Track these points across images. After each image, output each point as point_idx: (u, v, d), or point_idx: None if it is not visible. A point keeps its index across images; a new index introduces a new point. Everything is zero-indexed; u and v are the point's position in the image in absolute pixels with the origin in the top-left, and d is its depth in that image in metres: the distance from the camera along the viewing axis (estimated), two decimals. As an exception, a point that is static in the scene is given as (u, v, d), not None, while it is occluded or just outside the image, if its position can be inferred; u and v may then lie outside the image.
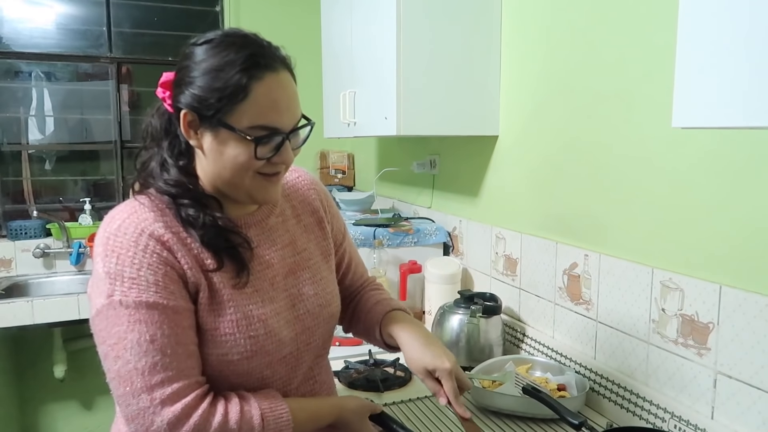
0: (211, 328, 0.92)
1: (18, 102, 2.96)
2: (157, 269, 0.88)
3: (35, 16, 2.93)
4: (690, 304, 1.19)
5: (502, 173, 1.87)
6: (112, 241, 0.88)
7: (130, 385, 0.85)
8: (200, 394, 0.88)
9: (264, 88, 0.89)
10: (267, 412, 0.92)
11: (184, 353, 0.88)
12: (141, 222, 0.89)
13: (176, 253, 0.90)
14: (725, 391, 1.12)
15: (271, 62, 0.91)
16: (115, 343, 0.86)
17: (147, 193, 0.94)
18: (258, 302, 0.97)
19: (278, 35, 2.74)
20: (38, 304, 2.43)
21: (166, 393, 0.85)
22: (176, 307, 0.88)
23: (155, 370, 0.85)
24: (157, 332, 0.86)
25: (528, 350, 1.70)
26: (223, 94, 0.88)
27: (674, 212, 1.24)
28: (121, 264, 0.87)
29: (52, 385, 2.94)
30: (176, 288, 0.89)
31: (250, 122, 0.89)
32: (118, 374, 0.86)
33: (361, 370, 1.60)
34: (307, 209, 1.13)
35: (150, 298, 0.86)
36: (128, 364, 0.85)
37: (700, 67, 0.68)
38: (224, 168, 0.92)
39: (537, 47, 1.67)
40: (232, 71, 0.88)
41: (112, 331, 0.86)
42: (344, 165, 3.27)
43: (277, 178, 0.97)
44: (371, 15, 1.93)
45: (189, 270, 0.91)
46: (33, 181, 3.03)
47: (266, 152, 0.91)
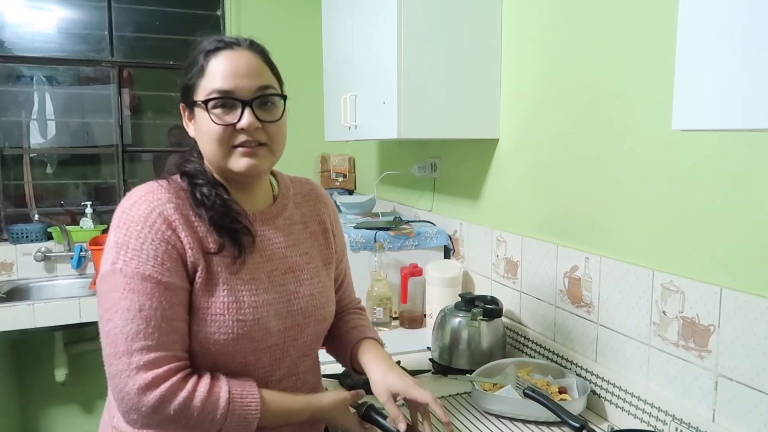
0: (203, 307, 0.99)
1: (20, 106, 2.97)
2: (159, 245, 0.95)
3: (37, 21, 2.94)
4: (691, 307, 1.19)
5: (503, 176, 1.87)
6: (126, 215, 0.97)
7: (114, 346, 0.91)
8: (174, 368, 0.94)
9: (217, 61, 1.01)
10: (236, 396, 0.97)
11: (168, 327, 0.94)
12: (154, 201, 0.98)
13: (180, 233, 0.97)
14: (726, 393, 1.12)
15: (229, 43, 1.03)
16: (109, 306, 0.93)
17: (166, 177, 1.05)
18: (252, 290, 1.03)
19: (279, 39, 2.81)
20: (39, 308, 2.43)
21: (142, 360, 0.91)
22: (169, 283, 0.95)
23: (137, 337, 0.91)
24: (146, 303, 0.92)
25: (529, 353, 1.70)
26: (189, 76, 1.03)
27: (675, 215, 1.24)
28: (128, 236, 0.95)
29: (54, 388, 2.94)
30: (173, 266, 0.96)
31: (206, 91, 1.00)
32: (107, 335, 0.93)
33: (362, 373, 1.60)
34: (315, 219, 1.21)
35: (146, 271, 0.93)
36: (116, 328, 0.92)
37: (700, 69, 0.68)
38: (206, 144, 1.02)
39: (537, 51, 1.67)
40: (195, 57, 1.02)
41: (109, 295, 0.93)
42: (345, 168, 3.28)
43: (254, 151, 1.02)
44: (372, 18, 1.94)
45: (190, 249, 0.98)
46: (34, 184, 3.04)
47: (227, 118, 1.00)
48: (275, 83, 1.06)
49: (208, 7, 3.19)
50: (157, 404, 0.91)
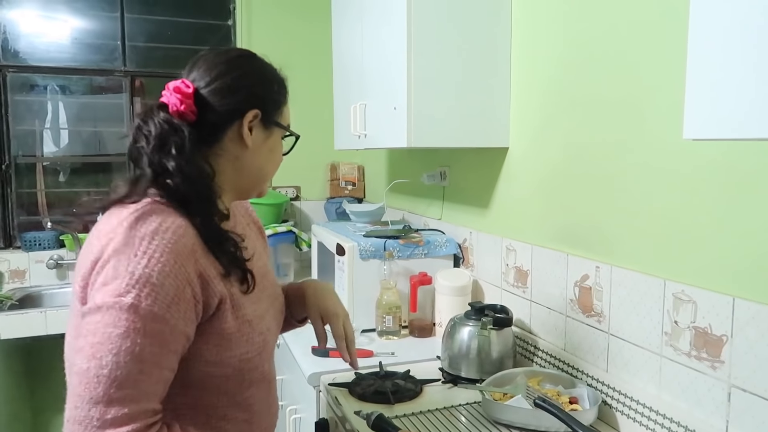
0: (235, 331, 0.96)
1: (34, 115, 3.01)
2: (179, 284, 0.86)
3: (51, 31, 2.98)
4: (703, 317, 1.18)
5: (513, 185, 1.87)
6: (147, 242, 0.85)
7: (92, 388, 0.80)
8: (150, 423, 0.84)
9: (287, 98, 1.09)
10: None
11: (157, 376, 0.85)
12: (177, 228, 0.89)
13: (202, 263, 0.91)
14: (740, 404, 1.11)
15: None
16: (99, 342, 0.81)
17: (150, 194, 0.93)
18: (256, 302, 1.04)
19: (289, 48, 2.84)
20: (51, 315, 2.45)
21: (120, 412, 0.80)
22: (175, 328, 0.86)
23: (124, 385, 0.81)
24: (147, 347, 0.82)
25: (539, 362, 1.69)
26: (281, 96, 1.06)
27: (686, 223, 1.23)
28: (150, 269, 0.84)
29: (65, 396, 2.95)
30: (184, 308, 0.87)
31: (286, 122, 1.08)
32: (86, 373, 0.81)
33: (371, 382, 1.60)
34: (251, 220, 1.24)
35: (161, 312, 0.84)
36: (103, 369, 0.80)
37: (712, 77, 0.68)
38: (267, 163, 1.07)
39: (547, 59, 1.67)
40: (277, 78, 1.07)
41: (104, 330, 0.82)
42: (354, 177, 3.29)
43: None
44: (381, 28, 1.95)
45: (214, 280, 0.92)
46: (47, 192, 3.07)
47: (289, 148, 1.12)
48: None
49: (219, 17, 3.22)
50: None
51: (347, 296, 2.05)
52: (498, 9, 1.82)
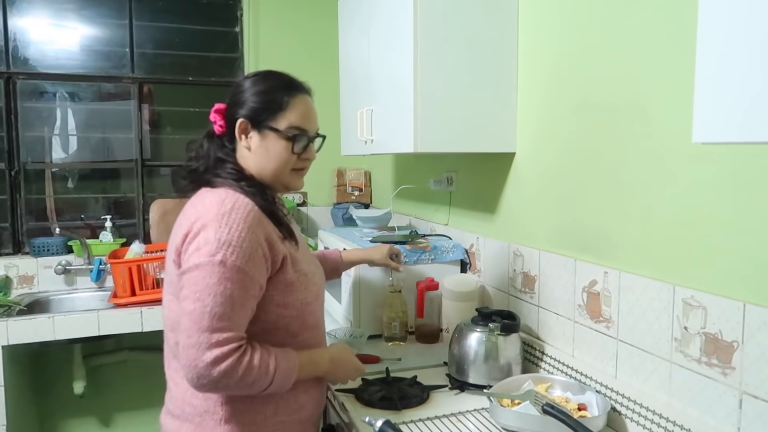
0: (298, 280, 1.27)
1: (43, 121, 3.03)
2: (254, 246, 1.16)
3: (60, 38, 3.00)
4: (713, 323, 1.17)
5: (520, 190, 1.86)
6: (227, 217, 1.16)
7: (199, 321, 1.10)
8: (238, 345, 1.14)
9: (297, 102, 1.29)
10: (280, 355, 1.21)
11: (244, 314, 1.16)
12: (248, 204, 1.20)
13: (269, 229, 1.21)
14: (751, 411, 1.09)
15: (302, 86, 1.33)
16: (201, 289, 1.11)
17: (227, 183, 1.25)
18: (308, 261, 1.36)
19: (296, 54, 2.88)
20: (59, 320, 2.45)
21: (222, 337, 1.11)
22: (254, 277, 1.16)
23: (222, 318, 1.11)
24: (236, 291, 1.13)
25: (547, 369, 1.68)
26: (270, 106, 1.27)
27: (696, 228, 1.22)
28: (231, 234, 1.14)
29: (72, 401, 2.96)
30: (259, 264, 1.17)
31: (288, 125, 1.28)
32: (193, 312, 1.11)
33: (378, 388, 1.59)
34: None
35: (243, 265, 1.14)
36: (206, 307, 1.10)
37: (721, 80, 0.68)
38: (269, 162, 1.28)
39: (554, 64, 1.67)
40: (276, 90, 1.28)
41: (203, 281, 1.12)
42: (361, 182, 3.29)
43: (304, 173, 1.36)
44: (388, 33, 1.95)
45: (277, 243, 1.22)
46: (56, 198, 3.09)
47: (299, 148, 1.29)
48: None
49: (226, 24, 3.24)
50: (220, 373, 1.10)
51: (353, 302, 2.05)
52: (504, 14, 1.82)
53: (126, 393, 3.07)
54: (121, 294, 2.62)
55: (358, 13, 2.27)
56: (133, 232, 3.14)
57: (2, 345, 2.39)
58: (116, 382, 3.02)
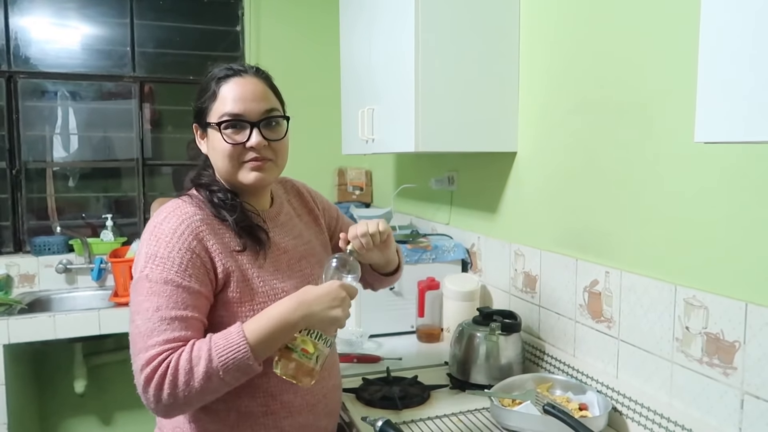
0: (248, 300, 1.11)
1: (44, 120, 3.03)
2: (184, 254, 1.06)
3: (62, 37, 3.00)
4: (715, 322, 1.16)
5: (521, 189, 1.86)
6: (157, 229, 1.08)
7: (134, 345, 1.02)
8: (164, 353, 1.00)
9: (228, 87, 1.14)
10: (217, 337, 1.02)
11: (180, 326, 1.02)
12: (183, 215, 1.10)
13: (207, 242, 1.09)
14: (753, 412, 1.09)
15: (237, 71, 1.15)
16: (134, 309, 1.04)
17: (188, 193, 1.17)
18: (279, 278, 1.17)
19: (298, 53, 2.86)
20: (60, 319, 2.45)
21: (149, 355, 0.99)
22: (189, 287, 1.04)
23: (152, 334, 1.00)
24: (163, 303, 1.02)
25: (548, 369, 1.68)
26: (202, 100, 1.16)
27: (698, 228, 1.22)
28: (157, 246, 1.06)
29: (73, 399, 2.96)
30: (195, 273, 1.06)
31: (218, 114, 1.13)
32: (131, 336, 1.04)
33: (378, 387, 1.59)
34: (304, 210, 1.38)
35: (168, 276, 1.04)
36: (137, 328, 1.02)
37: (723, 80, 0.68)
38: (218, 160, 1.15)
39: (555, 63, 1.67)
40: (207, 83, 1.16)
41: (135, 299, 1.05)
42: (362, 181, 3.28)
43: (261, 166, 1.15)
44: (390, 33, 1.95)
45: (218, 254, 1.10)
46: (57, 197, 3.09)
47: (237, 137, 1.13)
48: (279, 106, 1.19)
49: (227, 23, 3.24)
50: (155, 389, 0.98)
51: (354, 301, 2.04)
52: (506, 13, 1.81)
53: (126, 392, 3.04)
54: (122, 293, 2.62)
55: (359, 12, 2.27)
56: (134, 231, 3.14)
57: (3, 344, 2.39)
58: (117, 381, 3.02)
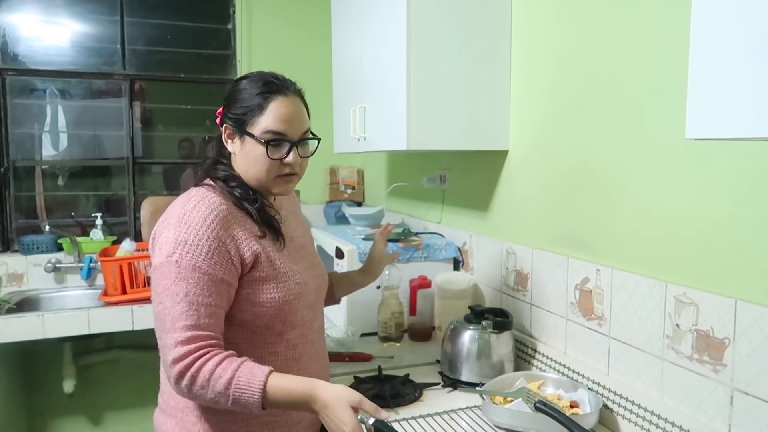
0: (273, 278, 1.23)
1: (33, 118, 3.00)
2: (212, 243, 1.14)
3: (51, 35, 2.98)
4: (705, 319, 1.17)
5: (513, 188, 1.86)
6: (187, 216, 1.15)
7: (163, 324, 1.11)
8: (206, 344, 1.10)
9: (274, 104, 1.22)
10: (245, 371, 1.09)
11: (206, 312, 1.12)
12: (211, 203, 1.18)
13: (235, 229, 1.19)
14: (742, 408, 1.10)
15: (281, 88, 1.24)
16: (161, 291, 1.12)
17: (207, 183, 1.25)
18: (294, 261, 1.30)
19: (289, 51, 2.87)
20: (49, 319, 2.43)
21: (184, 336, 1.09)
22: (214, 275, 1.13)
23: (181, 318, 1.10)
24: (192, 290, 1.11)
25: (539, 366, 1.68)
26: (247, 110, 1.23)
27: (688, 226, 1.22)
28: (188, 233, 1.13)
29: (62, 399, 2.94)
30: (221, 261, 1.14)
31: (263, 129, 1.22)
32: (158, 315, 1.12)
33: (370, 386, 1.59)
34: (296, 209, 1.49)
35: (197, 264, 1.12)
36: (165, 309, 1.11)
37: (714, 75, 0.68)
38: (250, 166, 1.24)
39: (546, 61, 1.67)
40: (253, 93, 1.23)
41: (162, 282, 1.12)
42: (354, 180, 3.28)
43: (291, 179, 1.28)
44: (382, 31, 1.95)
45: (245, 241, 1.19)
46: (46, 196, 3.06)
47: (276, 154, 1.23)
48: (309, 124, 1.29)
49: (218, 21, 3.22)
50: (177, 375, 1.08)
51: (346, 300, 2.04)
52: (497, 12, 1.81)
53: (116, 392, 3.05)
54: (111, 292, 2.60)
55: (351, 10, 2.27)
56: (124, 230, 3.12)
57: (-9, 343, 2.37)
58: (107, 381, 3.00)
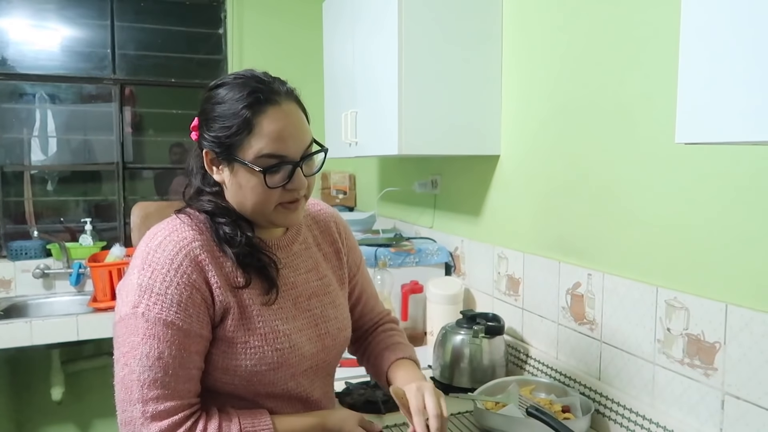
0: (242, 341, 0.99)
1: (22, 123, 2.99)
2: (183, 290, 0.94)
3: (41, 39, 2.96)
4: (696, 324, 1.17)
5: (504, 193, 1.86)
6: (151, 256, 0.95)
7: (129, 392, 0.91)
8: (188, 414, 0.94)
9: (267, 120, 0.96)
10: (248, 428, 0.97)
11: (184, 376, 0.94)
12: (180, 240, 0.97)
13: (207, 273, 0.97)
14: (734, 412, 1.10)
15: (272, 96, 0.98)
16: (127, 351, 0.92)
17: (186, 212, 1.03)
18: (283, 318, 1.05)
19: (280, 57, 2.83)
20: (37, 325, 2.41)
21: (158, 409, 0.91)
22: (189, 330, 0.94)
23: (154, 386, 0.91)
24: (165, 350, 0.92)
25: (531, 371, 1.68)
26: (232, 131, 0.96)
27: (678, 230, 1.23)
28: (153, 279, 0.94)
29: (50, 407, 2.90)
30: (195, 312, 0.95)
31: (257, 153, 0.96)
32: (122, 380, 0.93)
33: (362, 392, 1.58)
34: (327, 239, 1.22)
35: (169, 317, 0.92)
36: (132, 374, 0.91)
37: (703, 80, 0.68)
38: (246, 198, 1.00)
39: (537, 66, 1.68)
40: (238, 110, 0.96)
41: (128, 339, 0.93)
42: (346, 185, 3.28)
43: (297, 205, 1.03)
44: (373, 36, 1.95)
45: (218, 289, 0.97)
46: (34, 201, 3.04)
47: (277, 181, 0.98)
48: (311, 133, 1.04)
49: (209, 26, 3.22)
50: None
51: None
52: (489, 17, 1.82)
53: (105, 399, 2.98)
54: (101, 298, 2.58)
55: (342, 15, 2.27)
56: (114, 236, 3.10)
57: (-22, 350, 2.34)
58: (96, 388, 2.97)
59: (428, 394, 1.02)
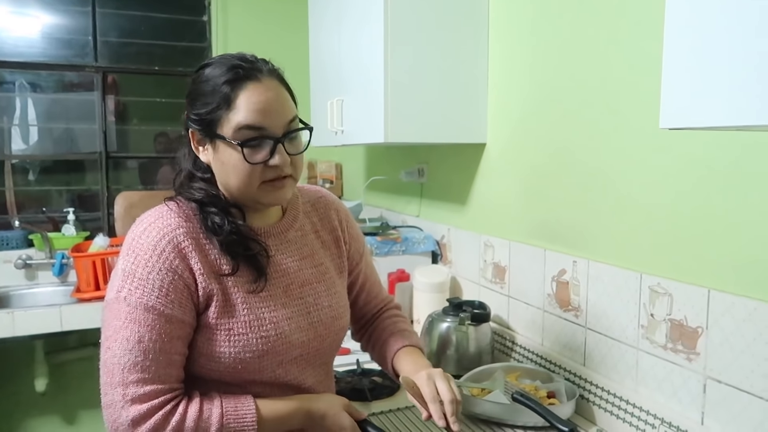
0: (226, 329, 0.99)
1: (1, 111, 2.93)
2: (165, 276, 0.95)
3: (20, 26, 2.90)
4: (679, 309, 1.18)
5: (490, 181, 1.87)
6: (135, 242, 0.97)
7: (110, 376, 0.92)
8: (169, 398, 0.94)
9: (245, 95, 0.97)
10: (230, 411, 0.97)
11: (165, 361, 0.94)
12: (164, 227, 0.97)
13: (190, 260, 0.97)
14: (715, 396, 1.11)
15: (252, 72, 0.98)
16: (110, 335, 0.94)
17: (176, 199, 1.03)
18: (271, 306, 1.04)
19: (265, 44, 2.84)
20: (19, 316, 2.38)
21: (138, 393, 0.91)
22: (171, 315, 0.94)
23: (134, 369, 0.92)
24: (146, 335, 0.92)
25: (517, 358, 1.69)
26: (212, 107, 0.97)
27: (662, 217, 1.24)
28: (135, 264, 0.95)
29: (33, 398, 2.88)
30: (177, 298, 0.95)
31: (235, 127, 0.96)
32: (105, 364, 0.94)
33: (349, 380, 1.58)
34: (327, 227, 1.20)
35: (150, 302, 0.93)
36: (113, 357, 0.92)
37: (687, 66, 0.68)
38: (229, 177, 1.00)
39: (523, 55, 1.67)
40: (218, 86, 0.97)
41: (111, 323, 0.94)
42: (332, 174, 3.26)
43: (282, 183, 1.01)
44: (359, 23, 1.93)
45: (201, 276, 0.97)
46: (16, 191, 2.99)
47: (259, 158, 0.97)
48: (296, 110, 1.04)
49: (193, 12, 3.17)
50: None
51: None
52: (475, 5, 1.81)
53: (90, 390, 2.95)
54: (84, 288, 2.55)
55: (329, 3, 2.25)
56: (98, 226, 3.06)
57: (-41, 342, 2.31)
58: (80, 379, 2.94)
59: (439, 380, 1.05)
